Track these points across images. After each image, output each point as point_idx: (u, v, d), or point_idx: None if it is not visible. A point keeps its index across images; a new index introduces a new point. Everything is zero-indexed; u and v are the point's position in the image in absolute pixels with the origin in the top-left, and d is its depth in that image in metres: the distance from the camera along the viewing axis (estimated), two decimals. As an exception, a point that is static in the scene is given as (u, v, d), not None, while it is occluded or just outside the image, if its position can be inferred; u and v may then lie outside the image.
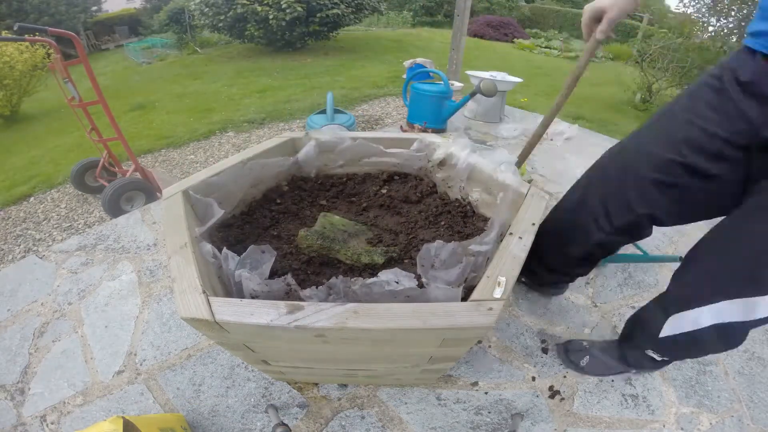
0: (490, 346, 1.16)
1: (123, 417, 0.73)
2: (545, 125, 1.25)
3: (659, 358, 0.93)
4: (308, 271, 0.88)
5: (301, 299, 0.65)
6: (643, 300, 1.37)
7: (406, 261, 0.92)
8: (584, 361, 1.09)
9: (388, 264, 0.90)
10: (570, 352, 1.12)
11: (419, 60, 5.27)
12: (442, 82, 2.28)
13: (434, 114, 2.28)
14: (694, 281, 0.78)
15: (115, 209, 2.15)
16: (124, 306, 1.27)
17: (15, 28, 1.77)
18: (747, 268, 0.68)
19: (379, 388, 1.03)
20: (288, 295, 0.66)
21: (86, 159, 2.59)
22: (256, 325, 0.58)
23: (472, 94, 2.03)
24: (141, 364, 1.10)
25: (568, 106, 4.33)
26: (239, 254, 0.71)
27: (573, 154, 2.44)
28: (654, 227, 0.88)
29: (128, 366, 1.10)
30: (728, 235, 0.73)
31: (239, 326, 0.59)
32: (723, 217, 0.76)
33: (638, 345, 0.97)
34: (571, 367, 1.11)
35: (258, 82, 5.13)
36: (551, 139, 2.63)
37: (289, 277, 0.65)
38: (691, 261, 0.80)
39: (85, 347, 1.15)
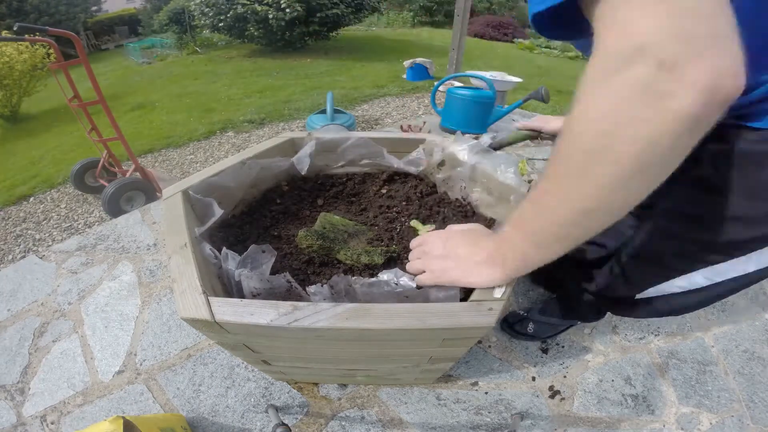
0: (490, 346, 1.16)
1: (123, 417, 0.73)
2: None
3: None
4: (308, 271, 0.88)
5: (302, 297, 0.65)
6: (643, 300, 1.37)
7: (406, 261, 0.92)
8: (530, 328, 1.13)
9: (388, 264, 0.90)
10: (514, 325, 1.16)
11: (419, 60, 5.27)
12: (481, 87, 2.27)
13: (478, 120, 2.26)
14: None
15: (115, 209, 2.15)
16: (124, 306, 1.27)
17: (15, 28, 1.77)
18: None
19: (379, 388, 1.04)
20: (289, 292, 0.66)
21: (86, 159, 2.59)
22: (256, 325, 0.58)
23: (525, 100, 2.03)
24: (141, 364, 1.10)
25: (568, 106, 4.32)
26: (239, 254, 0.71)
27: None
28: None
29: (128, 366, 1.10)
30: None
31: (239, 326, 0.59)
32: None
33: (592, 302, 0.97)
34: (521, 337, 1.15)
35: (258, 82, 5.13)
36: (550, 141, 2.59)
37: (288, 275, 0.65)
38: None
39: (85, 347, 1.15)
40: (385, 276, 0.65)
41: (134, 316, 1.23)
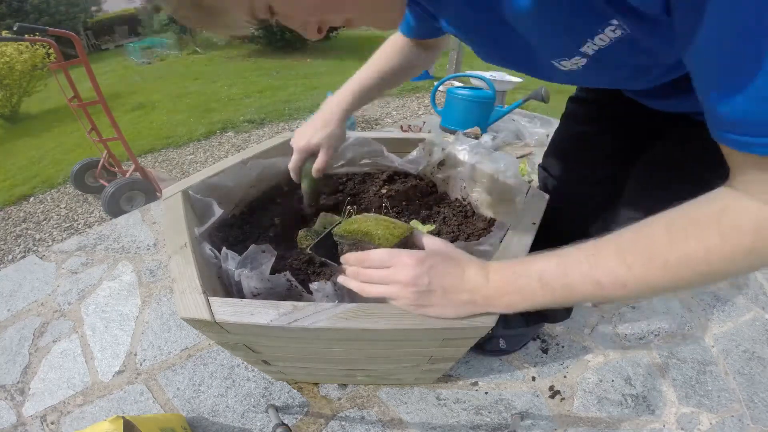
0: (490, 346, 1.16)
1: (123, 417, 0.73)
2: None
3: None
4: (308, 271, 0.87)
5: (302, 297, 0.65)
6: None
7: (406, 261, 0.92)
8: (501, 343, 1.10)
9: (388, 264, 0.90)
10: (484, 345, 1.11)
11: (419, 60, 5.20)
12: (481, 87, 2.29)
13: (478, 120, 2.27)
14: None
15: (115, 209, 2.15)
16: (124, 306, 1.27)
17: (15, 28, 1.77)
18: None
19: (379, 388, 1.04)
20: (289, 291, 0.66)
21: (86, 159, 2.59)
22: (256, 325, 0.58)
23: (525, 100, 2.03)
24: (141, 364, 1.10)
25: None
26: (239, 254, 0.71)
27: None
28: None
29: (128, 366, 1.10)
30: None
31: (239, 326, 0.59)
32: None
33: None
34: (495, 354, 1.12)
35: (258, 82, 5.13)
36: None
37: (288, 274, 0.65)
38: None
39: (85, 347, 1.15)
40: None
41: (134, 316, 1.23)
